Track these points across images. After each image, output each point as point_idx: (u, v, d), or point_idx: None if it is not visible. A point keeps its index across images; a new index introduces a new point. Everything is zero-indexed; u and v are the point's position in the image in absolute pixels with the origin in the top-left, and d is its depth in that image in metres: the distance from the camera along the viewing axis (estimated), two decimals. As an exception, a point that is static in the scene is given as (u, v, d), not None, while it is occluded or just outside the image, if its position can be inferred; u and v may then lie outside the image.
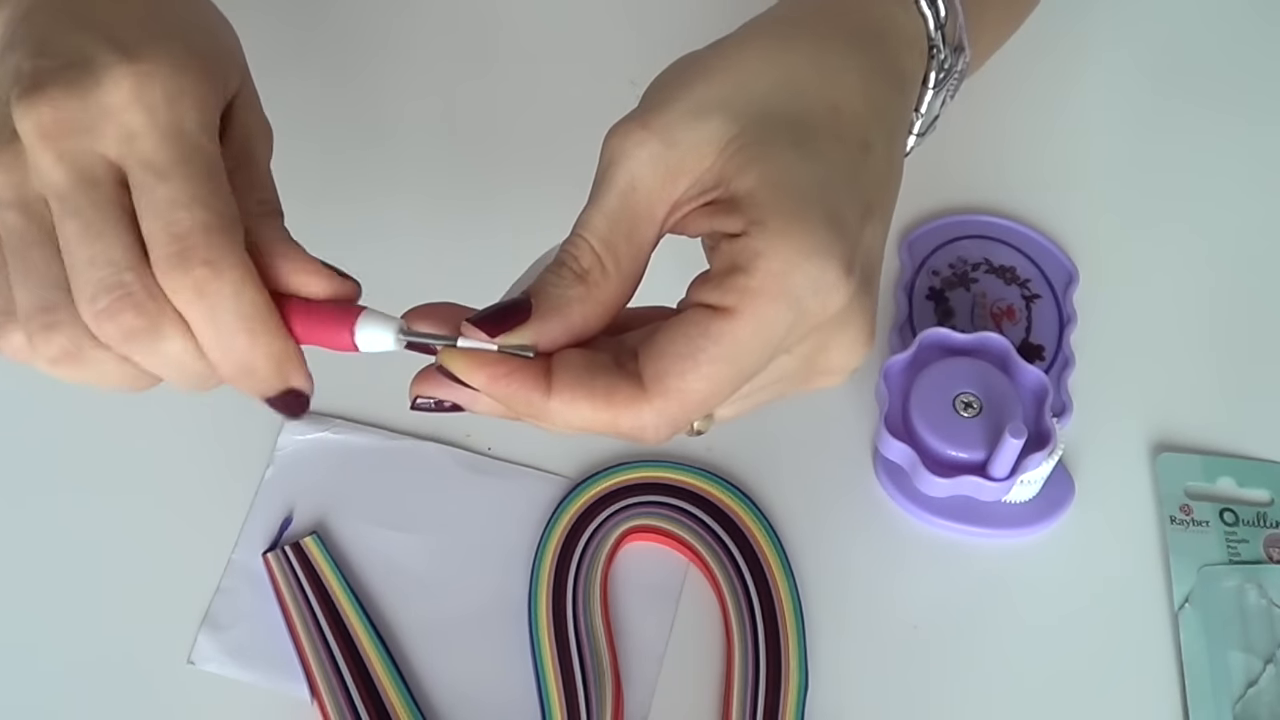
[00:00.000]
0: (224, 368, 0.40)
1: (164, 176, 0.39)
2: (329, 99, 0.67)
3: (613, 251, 0.40)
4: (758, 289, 0.39)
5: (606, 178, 0.41)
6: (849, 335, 0.41)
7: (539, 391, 0.39)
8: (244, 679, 0.53)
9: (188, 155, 0.39)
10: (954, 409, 0.55)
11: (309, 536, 0.56)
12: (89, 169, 0.39)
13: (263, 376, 0.40)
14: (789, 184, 0.40)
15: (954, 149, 0.66)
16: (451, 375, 0.40)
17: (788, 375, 0.42)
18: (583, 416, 0.39)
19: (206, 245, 0.38)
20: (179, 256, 0.38)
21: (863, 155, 0.42)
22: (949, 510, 0.56)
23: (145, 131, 0.39)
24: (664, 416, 0.39)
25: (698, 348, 0.39)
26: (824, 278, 0.39)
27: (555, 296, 0.40)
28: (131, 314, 0.38)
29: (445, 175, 0.65)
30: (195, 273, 0.38)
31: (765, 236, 0.39)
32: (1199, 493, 0.57)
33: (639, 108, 0.42)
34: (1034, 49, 0.68)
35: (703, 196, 0.41)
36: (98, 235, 0.38)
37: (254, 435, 0.58)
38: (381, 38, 0.70)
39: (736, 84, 0.41)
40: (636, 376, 0.39)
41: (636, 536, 0.56)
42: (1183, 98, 0.69)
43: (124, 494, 0.57)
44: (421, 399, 0.41)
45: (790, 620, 0.54)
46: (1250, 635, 0.54)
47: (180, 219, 0.38)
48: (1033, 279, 0.62)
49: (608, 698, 0.52)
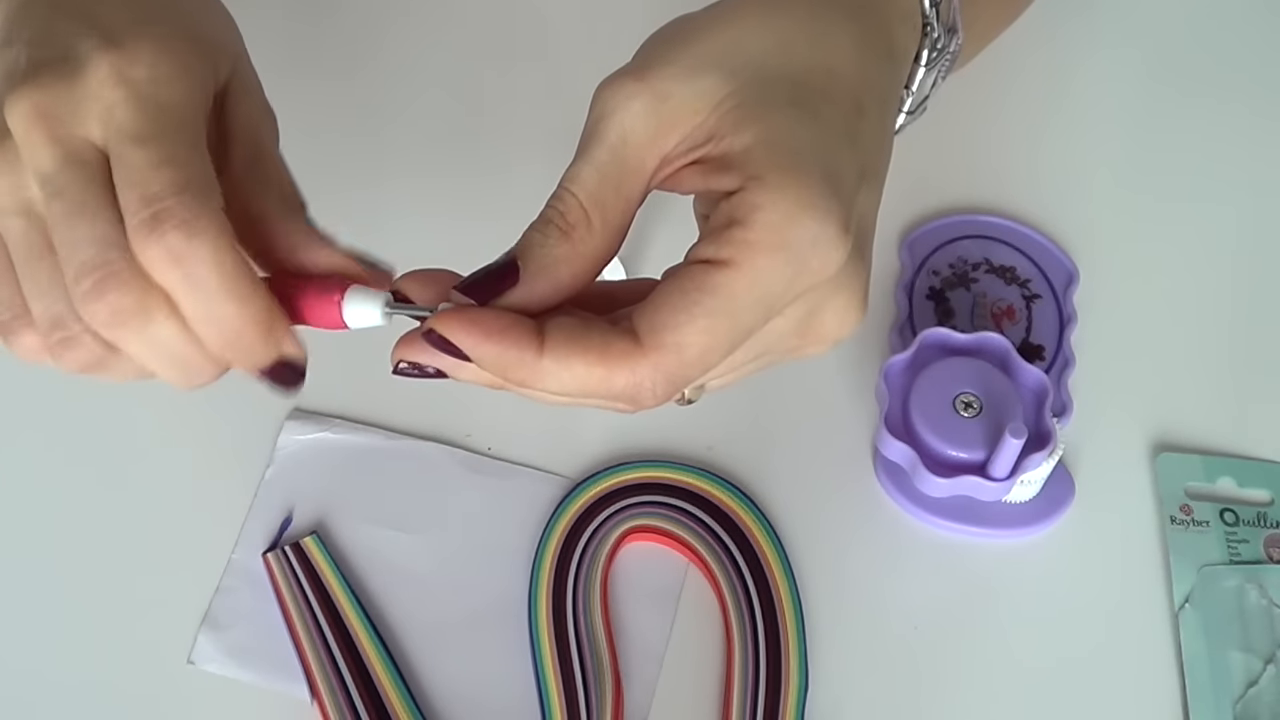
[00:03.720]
0: (212, 340, 0.39)
1: (138, 140, 0.38)
2: (333, 84, 0.67)
3: (600, 206, 0.40)
4: (756, 242, 0.38)
5: (597, 131, 0.40)
6: (843, 299, 0.41)
7: (531, 350, 0.38)
8: (244, 679, 0.53)
9: (165, 122, 0.39)
10: (954, 409, 0.55)
11: (309, 536, 0.56)
12: (75, 151, 0.39)
13: (251, 344, 0.39)
14: (786, 141, 0.39)
15: (954, 149, 0.66)
16: (440, 339, 0.39)
17: (779, 339, 0.41)
18: (576, 375, 0.38)
19: (180, 206, 0.37)
20: (152, 220, 0.37)
21: (857, 118, 0.42)
22: (949, 510, 0.56)
23: (123, 103, 0.38)
24: (660, 371, 0.38)
25: (694, 301, 0.38)
26: (823, 233, 0.38)
27: (542, 257, 0.39)
28: (117, 293, 0.37)
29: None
30: (169, 237, 0.37)
31: (763, 190, 0.38)
32: (1199, 493, 0.57)
33: (632, 63, 0.41)
34: (1034, 48, 0.69)
35: (692, 153, 0.40)
36: (81, 214, 0.38)
37: (254, 435, 0.58)
38: (388, 23, 0.70)
39: (731, 43, 0.41)
40: (631, 333, 0.38)
41: (636, 536, 0.56)
42: (1183, 97, 0.69)
43: (124, 494, 0.57)
44: (404, 363, 0.40)
45: (790, 620, 0.54)
46: (1250, 635, 0.54)
47: (151, 179, 0.37)
48: (1033, 279, 0.62)
49: (608, 698, 0.52)
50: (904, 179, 0.64)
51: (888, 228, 0.64)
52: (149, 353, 0.39)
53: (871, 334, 0.61)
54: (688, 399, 0.43)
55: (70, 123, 0.39)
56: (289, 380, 0.41)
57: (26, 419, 0.59)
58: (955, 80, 0.59)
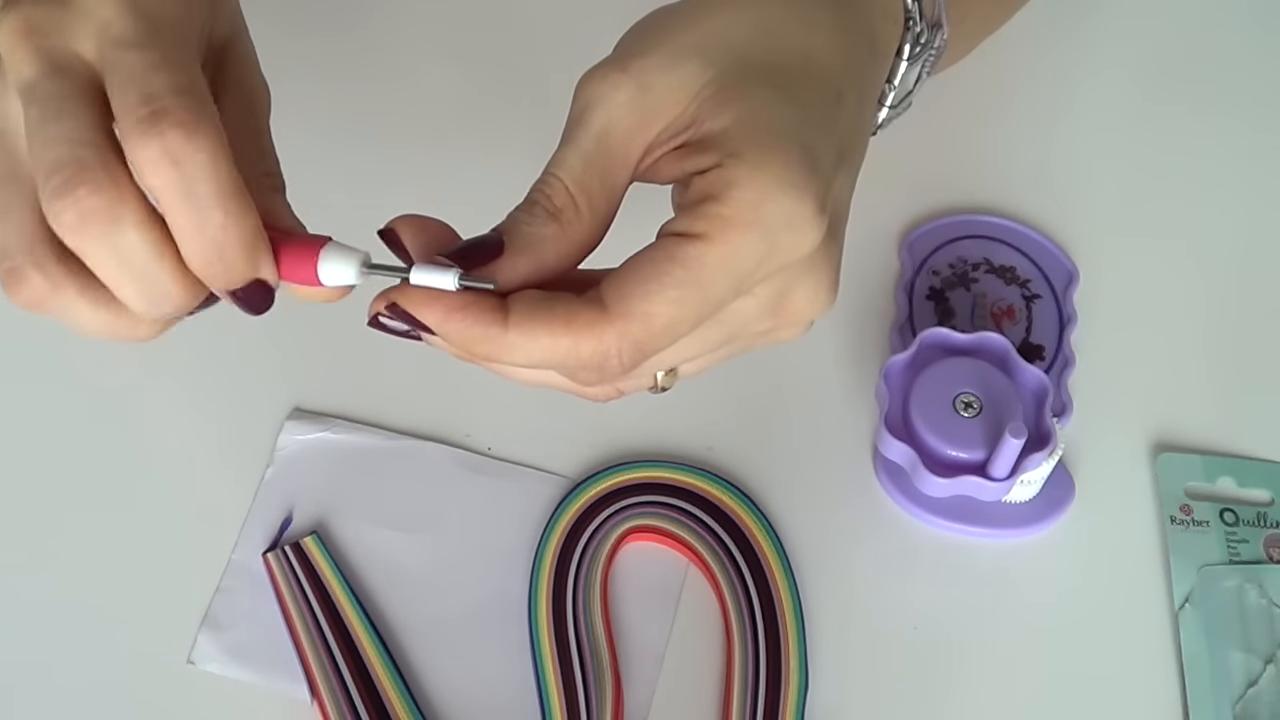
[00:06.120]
0: (193, 250, 0.37)
1: (135, 45, 0.38)
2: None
3: (586, 192, 0.40)
4: (730, 217, 0.38)
5: (582, 120, 0.40)
6: (814, 280, 0.41)
7: (495, 325, 0.38)
8: (244, 679, 0.53)
9: (160, 29, 0.38)
10: (954, 409, 0.55)
11: (309, 536, 0.56)
12: (59, 60, 0.38)
13: (233, 260, 0.38)
14: (764, 120, 0.39)
15: (954, 149, 0.66)
16: (404, 313, 0.38)
17: (750, 321, 0.41)
18: (542, 346, 0.38)
19: (179, 106, 0.36)
20: (151, 118, 0.36)
21: (836, 104, 0.42)
22: (949, 510, 0.56)
23: (119, 16, 0.38)
24: (627, 339, 0.38)
25: (664, 271, 0.38)
26: (798, 211, 0.38)
27: (527, 234, 0.39)
28: (85, 189, 0.36)
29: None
30: (168, 135, 0.36)
31: (739, 167, 0.38)
32: (1199, 493, 0.57)
33: (613, 54, 0.42)
34: (1035, 48, 0.69)
35: (674, 140, 0.41)
36: (57, 116, 0.37)
37: (254, 435, 0.58)
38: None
39: (711, 32, 0.41)
40: (598, 301, 0.38)
41: (636, 536, 0.56)
42: (1184, 97, 0.69)
43: (124, 494, 0.57)
44: (383, 315, 0.39)
45: (790, 620, 0.54)
46: (1250, 635, 0.54)
47: (151, 79, 0.37)
48: (1033, 279, 0.62)
49: (608, 698, 0.52)
50: (904, 179, 0.65)
51: (888, 228, 0.64)
52: (113, 263, 0.38)
53: (871, 334, 0.61)
54: (660, 386, 0.43)
55: (59, 37, 0.38)
56: (259, 302, 0.40)
57: (27, 419, 0.59)
58: (955, 80, 0.59)
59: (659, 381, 0.43)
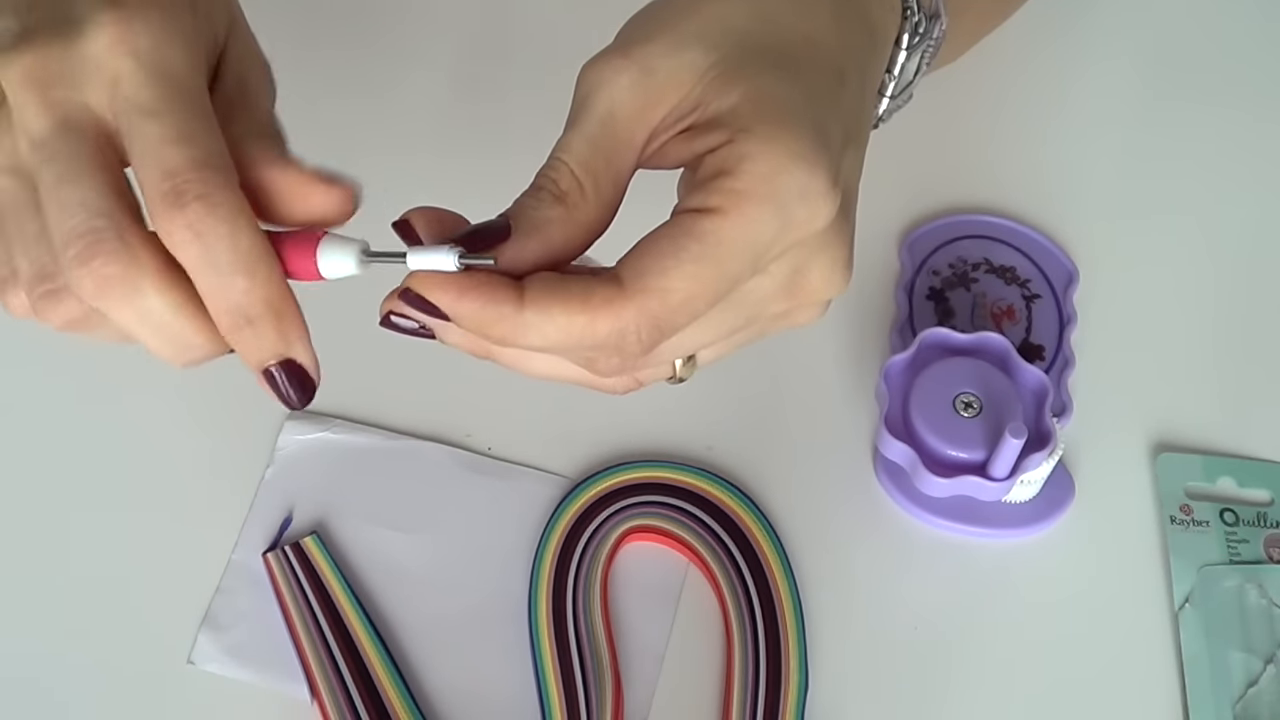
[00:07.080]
0: (220, 314, 0.38)
1: (153, 115, 0.38)
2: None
3: (592, 176, 0.40)
4: (744, 190, 0.38)
5: (585, 105, 0.40)
6: (829, 256, 0.41)
7: (510, 304, 0.38)
8: (244, 679, 0.53)
9: (176, 94, 0.38)
10: (954, 409, 0.55)
11: (309, 536, 0.56)
12: (71, 117, 0.38)
13: (261, 328, 0.38)
14: (773, 97, 0.39)
15: (954, 149, 0.66)
16: (418, 298, 0.38)
17: (767, 301, 0.41)
18: (558, 326, 0.38)
19: (200, 181, 0.37)
20: (173, 194, 0.37)
21: (839, 85, 0.42)
22: (949, 510, 0.56)
23: (131, 74, 0.38)
24: (645, 316, 0.38)
25: (681, 246, 0.38)
26: (812, 184, 0.38)
27: (533, 218, 0.39)
28: (102, 260, 0.37)
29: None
30: (190, 209, 0.37)
31: (752, 141, 0.38)
32: (1199, 493, 0.57)
33: (615, 42, 0.42)
34: (1035, 48, 0.69)
35: (680, 124, 0.40)
36: (72, 180, 0.38)
37: (254, 435, 0.58)
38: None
39: (712, 18, 0.41)
40: (615, 279, 0.38)
41: (636, 536, 0.56)
42: (1183, 97, 0.69)
43: (123, 494, 0.57)
44: (395, 315, 0.39)
45: (790, 620, 0.54)
46: (1250, 635, 0.54)
47: (170, 155, 0.37)
48: (1033, 279, 0.62)
49: (608, 698, 0.52)
50: (904, 179, 0.65)
51: (888, 228, 0.64)
52: (135, 322, 0.38)
53: (871, 334, 0.61)
54: (679, 375, 0.43)
55: (66, 87, 0.38)
56: (295, 387, 0.40)
57: (27, 419, 0.59)
58: (955, 80, 0.60)
59: (678, 370, 0.43)
